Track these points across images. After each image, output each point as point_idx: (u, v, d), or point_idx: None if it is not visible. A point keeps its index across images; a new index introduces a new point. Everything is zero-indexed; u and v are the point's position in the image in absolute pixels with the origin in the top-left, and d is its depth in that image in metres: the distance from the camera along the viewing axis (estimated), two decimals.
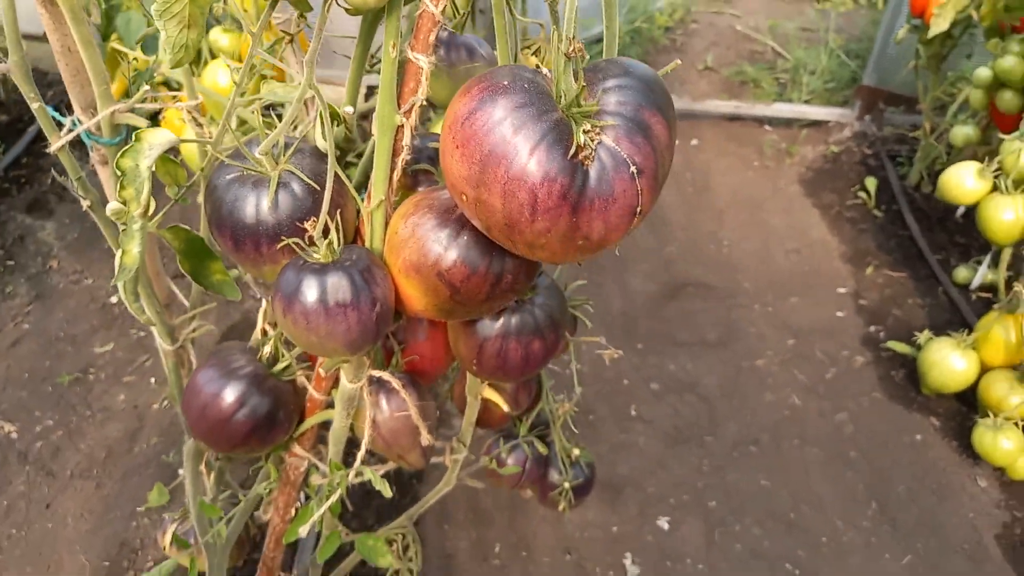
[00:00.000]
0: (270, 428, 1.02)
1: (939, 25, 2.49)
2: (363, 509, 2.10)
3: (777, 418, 2.44)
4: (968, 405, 2.42)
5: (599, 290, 2.87)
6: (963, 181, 2.15)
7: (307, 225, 0.85)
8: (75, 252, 2.92)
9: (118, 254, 0.89)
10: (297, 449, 1.11)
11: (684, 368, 2.60)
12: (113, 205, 0.87)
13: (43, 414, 2.37)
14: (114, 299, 2.74)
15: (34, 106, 0.99)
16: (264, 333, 1.08)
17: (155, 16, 0.84)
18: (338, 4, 0.80)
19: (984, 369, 2.27)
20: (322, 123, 0.87)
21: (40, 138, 3.29)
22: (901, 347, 2.49)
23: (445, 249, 0.85)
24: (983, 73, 2.44)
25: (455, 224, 0.86)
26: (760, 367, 2.60)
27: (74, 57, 1.06)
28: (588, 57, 0.77)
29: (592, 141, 0.75)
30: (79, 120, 1.08)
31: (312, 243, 0.86)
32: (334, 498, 1.04)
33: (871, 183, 3.23)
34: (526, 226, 0.76)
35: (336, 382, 1.05)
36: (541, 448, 1.64)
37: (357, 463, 1.03)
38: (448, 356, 1.16)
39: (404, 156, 0.90)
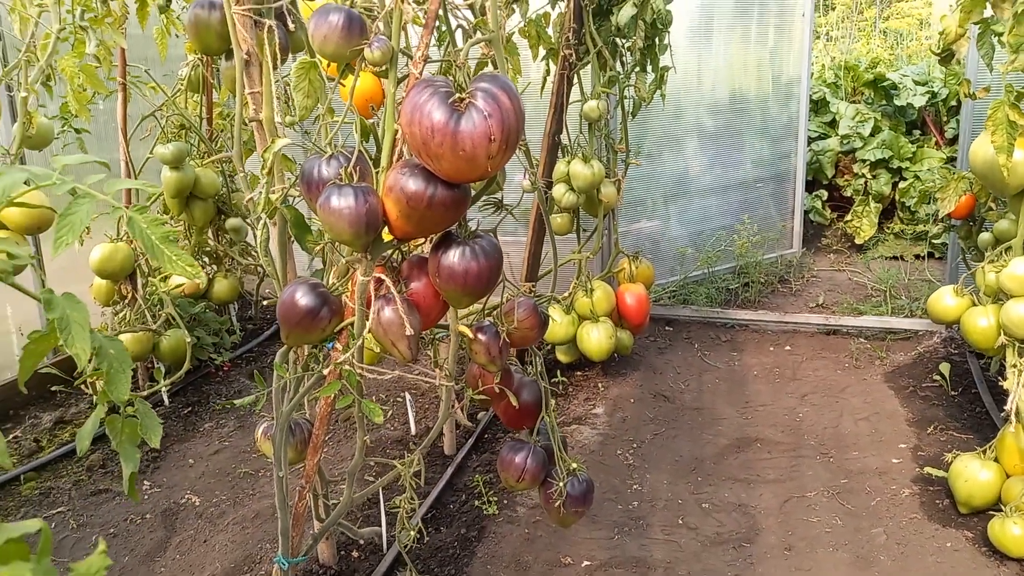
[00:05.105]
0: (317, 314, 1.72)
1: (946, 207, 2.98)
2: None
3: (816, 532, 2.61)
4: None
5: (673, 441, 3.26)
6: (944, 300, 2.50)
7: (341, 172, 1.65)
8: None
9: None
10: (338, 344, 1.77)
11: (737, 495, 2.87)
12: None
13: (220, 492, 3.13)
14: None
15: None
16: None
17: (293, 89, 1.77)
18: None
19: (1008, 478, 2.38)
20: (356, 133, 1.71)
21: (269, 338, 4.48)
22: (937, 472, 2.62)
23: (405, 177, 1.60)
24: (985, 237, 2.85)
25: (411, 168, 1.62)
26: (809, 497, 2.81)
27: None
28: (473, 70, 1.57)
29: (462, 101, 1.51)
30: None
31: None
32: (348, 354, 1.68)
33: (945, 368, 3.45)
34: (431, 142, 1.50)
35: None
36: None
37: (363, 334, 1.68)
38: (436, 298, 1.82)
39: (400, 146, 1.70)
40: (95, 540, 2.77)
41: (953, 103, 5.93)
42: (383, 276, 1.70)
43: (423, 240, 1.94)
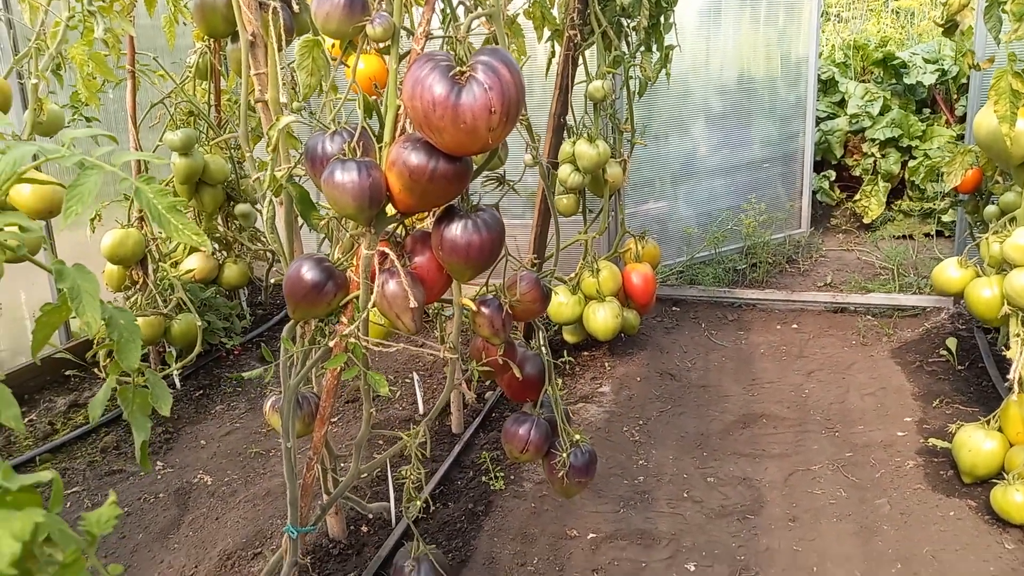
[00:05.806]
0: (322, 288, 1.75)
1: (952, 181, 2.98)
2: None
3: (820, 504, 2.63)
4: None
5: (679, 418, 3.29)
6: (948, 271, 2.51)
7: (344, 147, 1.67)
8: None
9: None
10: (343, 319, 1.80)
11: (743, 469, 2.89)
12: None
13: (232, 472, 3.18)
14: None
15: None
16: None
17: (296, 68, 1.79)
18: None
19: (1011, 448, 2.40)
20: (359, 109, 1.73)
21: (279, 322, 4.54)
22: (941, 443, 2.64)
23: (407, 151, 1.63)
24: (991, 210, 2.85)
25: (413, 142, 1.64)
26: (814, 470, 2.83)
27: None
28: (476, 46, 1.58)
29: (463, 75, 1.53)
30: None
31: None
32: (353, 326, 1.71)
33: (952, 343, 3.45)
34: (432, 115, 1.53)
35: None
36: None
37: (368, 307, 1.71)
38: (439, 272, 1.84)
39: (402, 122, 1.72)
40: None
41: (963, 80, 5.88)
42: (387, 250, 1.73)
43: (427, 215, 1.97)
